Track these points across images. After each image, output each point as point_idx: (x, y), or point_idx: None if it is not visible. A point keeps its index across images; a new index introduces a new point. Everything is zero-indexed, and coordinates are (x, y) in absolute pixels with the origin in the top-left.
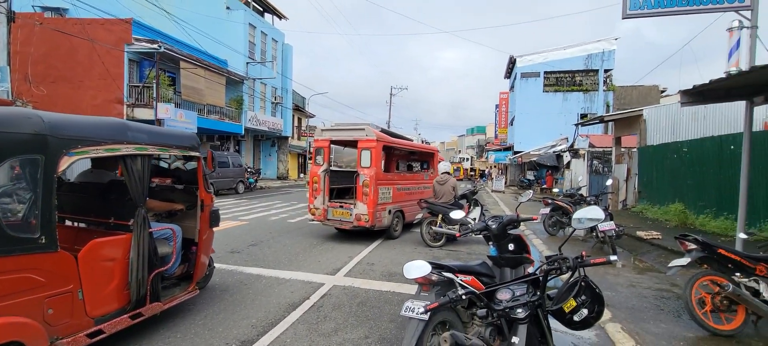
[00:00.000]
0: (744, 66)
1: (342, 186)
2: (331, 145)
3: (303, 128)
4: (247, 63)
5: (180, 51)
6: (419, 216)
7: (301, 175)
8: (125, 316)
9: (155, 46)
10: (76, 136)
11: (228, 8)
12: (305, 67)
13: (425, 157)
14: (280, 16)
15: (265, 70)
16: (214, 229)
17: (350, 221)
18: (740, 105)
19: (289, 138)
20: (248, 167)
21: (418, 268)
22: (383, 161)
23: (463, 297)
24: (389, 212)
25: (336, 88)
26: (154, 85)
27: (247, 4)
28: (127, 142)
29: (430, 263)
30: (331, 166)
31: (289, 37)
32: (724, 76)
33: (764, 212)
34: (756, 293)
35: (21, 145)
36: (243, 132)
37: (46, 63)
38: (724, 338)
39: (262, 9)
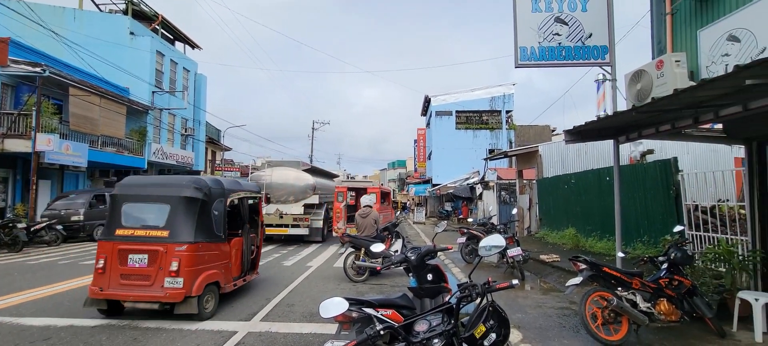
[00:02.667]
0: (609, 111)
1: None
2: (348, 191)
3: (218, 162)
4: (154, 92)
5: (69, 76)
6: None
7: None
8: (240, 279)
9: (38, 69)
10: (230, 189)
11: (132, 34)
12: (221, 99)
13: (385, 196)
14: (193, 46)
15: (174, 99)
16: None
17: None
18: (610, 143)
19: (202, 172)
20: None
21: (336, 305)
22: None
23: (382, 333)
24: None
25: (255, 121)
26: (34, 113)
27: (155, 31)
28: (242, 190)
29: (349, 299)
30: (348, 202)
31: (204, 68)
32: (595, 119)
33: (635, 233)
34: (634, 305)
35: (220, 193)
36: (146, 166)
37: None
38: None
39: (172, 37)
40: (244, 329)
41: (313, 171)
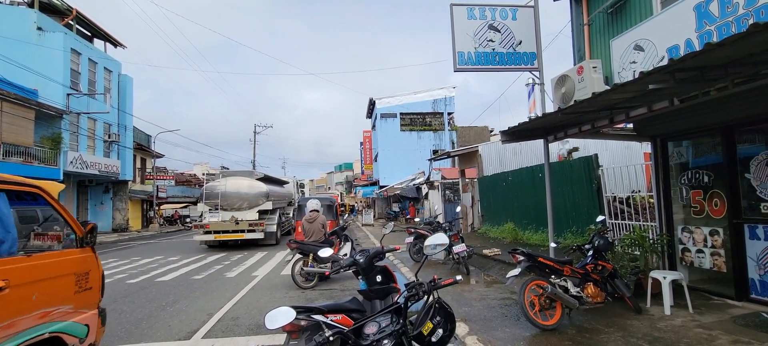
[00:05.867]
0: (539, 113)
1: None
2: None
3: (148, 170)
4: (69, 94)
5: None
6: None
7: (151, 225)
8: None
9: None
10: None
11: (40, 29)
12: (151, 102)
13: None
14: (115, 44)
15: (95, 103)
16: None
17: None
18: (541, 142)
19: (130, 182)
20: None
21: (283, 315)
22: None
23: (331, 338)
24: None
25: (191, 126)
26: None
27: (69, 26)
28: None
29: (297, 306)
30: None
31: (129, 68)
32: (526, 120)
33: (565, 224)
34: (566, 290)
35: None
36: (61, 177)
37: None
38: (550, 331)
39: (90, 34)
40: None
41: (266, 179)
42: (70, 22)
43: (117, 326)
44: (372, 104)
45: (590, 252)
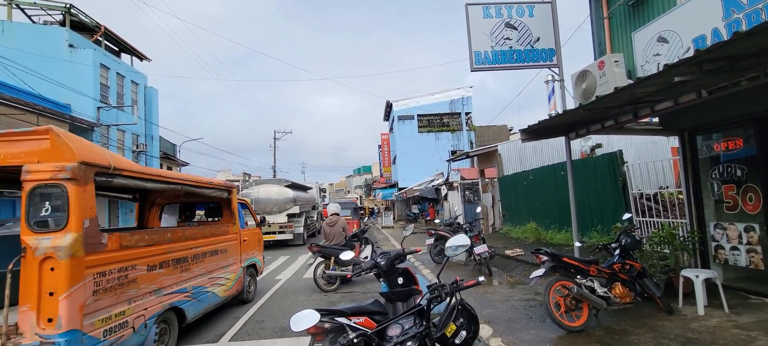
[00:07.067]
0: (560, 110)
1: None
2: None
3: None
4: (99, 107)
5: None
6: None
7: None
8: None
9: None
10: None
11: (71, 46)
12: (175, 112)
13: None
14: (141, 57)
15: (123, 115)
16: None
17: None
18: (563, 139)
19: None
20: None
21: (307, 318)
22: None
23: (355, 341)
24: None
25: (213, 134)
26: None
27: (98, 43)
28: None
29: (320, 309)
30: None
31: (154, 80)
32: (546, 118)
33: (590, 223)
34: (593, 291)
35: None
36: None
37: None
38: (577, 333)
39: (117, 49)
40: None
41: (293, 186)
42: (99, 38)
43: None
44: (389, 107)
45: (617, 251)
